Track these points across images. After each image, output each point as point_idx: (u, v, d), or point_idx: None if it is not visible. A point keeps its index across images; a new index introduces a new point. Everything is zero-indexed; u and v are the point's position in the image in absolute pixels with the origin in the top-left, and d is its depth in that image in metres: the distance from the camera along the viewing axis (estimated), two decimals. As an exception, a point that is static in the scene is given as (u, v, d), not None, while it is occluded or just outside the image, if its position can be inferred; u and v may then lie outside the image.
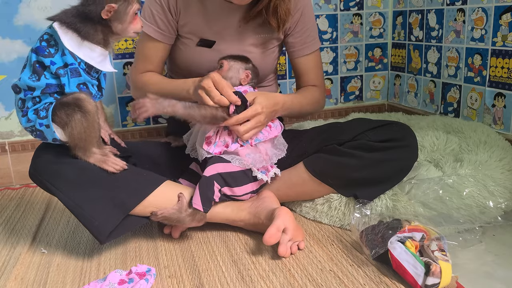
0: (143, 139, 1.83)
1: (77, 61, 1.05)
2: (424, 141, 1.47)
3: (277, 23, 1.28)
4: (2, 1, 1.59)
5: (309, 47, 1.42)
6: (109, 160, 1.10)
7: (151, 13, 1.32)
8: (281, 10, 1.26)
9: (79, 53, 1.04)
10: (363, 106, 2.11)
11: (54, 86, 1.06)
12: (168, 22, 1.32)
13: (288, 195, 1.32)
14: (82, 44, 1.04)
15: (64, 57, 1.04)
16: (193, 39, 1.33)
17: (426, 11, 1.82)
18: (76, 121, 1.03)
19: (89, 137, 1.06)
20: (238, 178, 1.19)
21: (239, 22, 1.32)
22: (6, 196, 1.61)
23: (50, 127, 1.05)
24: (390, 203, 1.20)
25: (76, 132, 1.04)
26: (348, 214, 1.23)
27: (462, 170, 1.26)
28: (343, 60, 2.03)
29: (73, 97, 1.04)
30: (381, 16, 2.03)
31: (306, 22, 1.39)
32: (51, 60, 1.04)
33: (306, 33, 1.40)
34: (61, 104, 1.05)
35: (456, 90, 1.72)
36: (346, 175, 1.21)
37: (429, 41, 1.83)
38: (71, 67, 1.04)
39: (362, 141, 1.19)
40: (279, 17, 1.27)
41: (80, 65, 1.05)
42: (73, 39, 1.04)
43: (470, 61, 1.64)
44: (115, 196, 1.09)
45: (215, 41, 1.32)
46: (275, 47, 1.40)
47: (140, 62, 1.38)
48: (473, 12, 1.60)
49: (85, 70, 1.06)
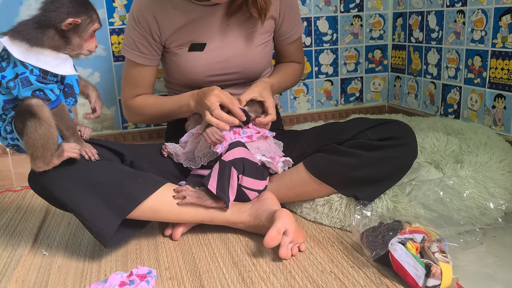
0: (143, 141, 1.83)
1: (29, 68, 0.99)
2: (425, 143, 1.47)
3: (258, 13, 1.29)
4: (3, 3, 1.60)
5: (297, 32, 1.45)
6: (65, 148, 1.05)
7: (132, 39, 1.33)
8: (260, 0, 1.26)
9: (29, 60, 0.98)
10: (363, 107, 2.11)
11: (12, 101, 1.03)
12: (151, 46, 1.33)
13: (289, 196, 1.32)
14: (31, 50, 0.98)
15: (15, 68, 1.00)
16: (183, 48, 1.33)
17: (426, 13, 1.83)
18: (30, 128, 0.99)
19: (46, 143, 1.01)
20: (255, 171, 1.21)
21: (225, 21, 1.32)
22: (7, 198, 1.61)
23: (20, 141, 1.03)
24: (390, 205, 1.20)
25: (30, 140, 1.00)
26: (349, 215, 1.23)
27: (463, 172, 1.26)
28: (343, 62, 2.04)
29: (25, 104, 1.00)
30: (381, 18, 2.04)
31: (290, 9, 1.40)
32: (1, 75, 1.00)
33: (292, 20, 1.42)
34: (16, 113, 1.02)
35: (456, 92, 1.72)
36: (346, 174, 1.21)
37: (429, 42, 1.84)
38: (21, 76, 0.99)
39: (361, 140, 1.20)
40: (259, 7, 1.27)
41: (33, 72, 0.99)
42: (21, 46, 0.98)
43: (470, 62, 1.64)
44: (112, 201, 1.08)
45: (205, 43, 1.33)
46: (268, 41, 1.41)
47: (128, 89, 1.39)
48: (473, 14, 1.60)
49: (40, 76, 1.00)
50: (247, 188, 1.21)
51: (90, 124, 1.77)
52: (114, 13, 1.71)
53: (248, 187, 1.21)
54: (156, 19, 1.30)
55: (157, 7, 1.30)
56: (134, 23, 1.32)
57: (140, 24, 1.31)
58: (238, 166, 1.17)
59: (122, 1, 1.71)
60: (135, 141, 1.82)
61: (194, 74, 1.33)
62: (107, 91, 1.77)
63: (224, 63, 1.33)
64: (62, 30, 1.01)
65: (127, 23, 1.35)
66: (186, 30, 1.32)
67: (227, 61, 1.34)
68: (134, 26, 1.32)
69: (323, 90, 2.04)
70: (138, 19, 1.31)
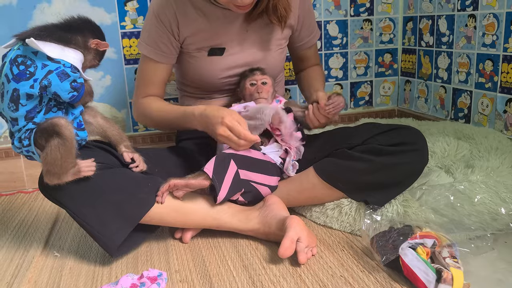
0: (154, 144, 1.84)
1: (61, 63, 1.02)
2: (435, 147, 1.47)
3: (278, 21, 1.30)
4: (17, 7, 1.62)
5: (314, 37, 1.48)
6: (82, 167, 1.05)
7: (151, 36, 1.32)
8: (280, 7, 1.27)
9: (64, 58, 1.03)
10: (373, 111, 2.10)
11: (34, 110, 1.03)
12: (170, 43, 1.32)
13: (298, 200, 1.32)
14: (64, 49, 1.04)
15: (46, 68, 1.01)
16: (202, 51, 1.34)
17: (437, 17, 1.82)
18: (53, 147, 1.00)
19: (65, 163, 1.02)
20: (258, 165, 1.22)
21: (244, 26, 1.33)
22: (19, 200, 1.63)
23: (36, 154, 1.05)
24: (401, 209, 1.20)
25: (50, 158, 1.01)
26: (359, 219, 1.23)
27: (474, 177, 1.26)
28: (353, 66, 2.04)
29: (51, 122, 1.02)
30: (391, 22, 2.03)
31: (308, 15, 1.42)
32: (33, 79, 1.00)
33: (311, 26, 1.45)
34: (40, 130, 1.03)
35: (467, 96, 1.72)
36: (356, 179, 1.21)
37: (439, 46, 1.83)
38: (57, 71, 1.01)
39: (372, 145, 1.19)
40: (279, 14, 1.28)
41: (65, 66, 1.03)
42: (54, 47, 1.02)
43: (481, 67, 1.63)
44: (122, 208, 1.09)
45: (225, 48, 1.33)
46: (284, 47, 1.43)
47: (141, 86, 1.38)
48: (484, 18, 1.59)
49: (72, 67, 1.04)
50: (257, 183, 1.21)
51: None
52: (126, 17, 1.73)
53: (258, 182, 1.22)
54: (177, 17, 1.29)
55: (179, 5, 1.29)
56: (155, 19, 1.30)
57: (161, 20, 1.29)
58: (238, 161, 1.17)
59: (134, 5, 1.73)
60: (146, 144, 1.83)
61: (212, 77, 1.34)
62: (118, 94, 1.79)
63: (242, 67, 1.35)
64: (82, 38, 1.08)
65: (147, 19, 1.34)
66: (206, 33, 1.32)
67: (245, 66, 1.35)
68: (154, 22, 1.30)
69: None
70: (159, 16, 1.29)
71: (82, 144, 1.12)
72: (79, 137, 1.09)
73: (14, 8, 1.62)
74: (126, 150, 1.17)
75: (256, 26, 1.34)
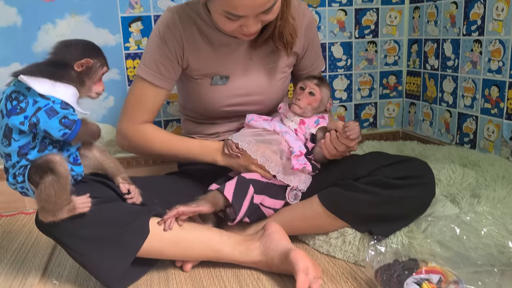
0: (156, 165, 1.82)
1: (51, 100, 1.00)
2: (440, 175, 1.45)
3: (284, 47, 1.28)
4: (21, 28, 1.62)
5: (318, 67, 1.45)
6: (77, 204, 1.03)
7: (153, 58, 1.26)
8: (286, 33, 1.25)
9: (53, 93, 1.00)
10: (377, 133, 2.09)
11: (27, 145, 1.02)
12: (172, 67, 1.27)
13: (301, 228, 1.30)
14: (55, 85, 1.01)
15: (36, 104, 0.99)
16: (206, 79, 1.31)
17: (442, 41, 1.81)
18: (47, 183, 0.98)
19: (59, 200, 1.00)
20: (270, 189, 1.25)
21: (248, 53, 1.31)
22: (19, 222, 1.61)
23: (30, 191, 1.03)
24: (406, 240, 1.18)
25: (44, 195, 0.99)
26: (363, 249, 1.21)
27: (480, 207, 1.24)
28: (357, 87, 2.03)
29: (45, 159, 1.00)
30: (396, 44, 2.03)
31: (312, 43, 1.40)
32: (24, 115, 0.99)
33: (316, 54, 1.42)
34: (35, 166, 1.01)
35: (473, 121, 1.70)
36: (361, 211, 1.19)
37: (445, 70, 1.82)
38: (45, 108, 0.99)
39: (378, 177, 1.18)
40: (285, 40, 1.26)
41: (55, 102, 1.00)
42: (43, 82, 1.00)
43: (487, 92, 1.62)
44: (120, 239, 1.07)
45: (229, 77, 1.31)
46: (288, 75, 1.41)
47: (135, 111, 1.30)
48: (490, 44, 1.58)
49: (62, 103, 1.01)
50: (266, 207, 1.25)
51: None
52: (130, 38, 1.72)
53: (266, 206, 1.25)
54: (183, 42, 1.26)
55: (186, 30, 1.26)
56: (160, 41, 1.25)
57: (166, 42, 1.25)
58: (256, 186, 1.20)
59: (138, 26, 1.72)
60: (147, 166, 1.81)
61: (214, 105, 1.32)
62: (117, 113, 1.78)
63: (245, 96, 1.33)
64: (76, 71, 1.04)
65: (150, 40, 1.29)
66: (210, 61, 1.29)
67: (248, 95, 1.33)
68: (158, 44, 1.25)
69: (336, 116, 2.03)
70: (164, 38, 1.25)
71: (78, 179, 1.09)
72: (75, 172, 1.07)
73: (18, 29, 1.62)
74: (123, 182, 1.15)
75: (260, 53, 1.32)
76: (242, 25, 1.12)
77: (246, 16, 1.09)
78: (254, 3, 1.06)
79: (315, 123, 1.31)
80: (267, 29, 1.24)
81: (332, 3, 1.90)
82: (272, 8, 1.11)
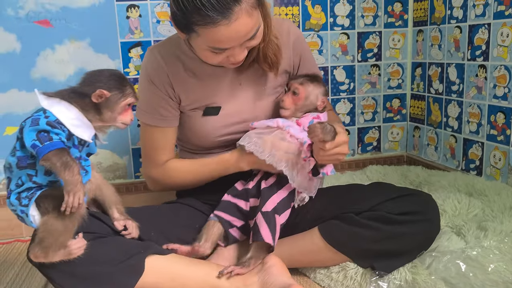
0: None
1: (46, 114, 0.98)
2: (445, 205, 1.40)
3: (269, 67, 1.25)
4: (20, 54, 1.61)
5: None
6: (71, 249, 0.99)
7: (150, 103, 1.26)
8: (271, 54, 1.22)
9: (51, 109, 0.98)
10: (381, 157, 2.05)
11: (24, 159, 0.99)
12: (170, 106, 1.27)
13: (302, 262, 1.27)
14: (59, 102, 0.99)
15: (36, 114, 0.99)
16: (197, 111, 1.29)
17: (446, 65, 1.78)
18: (58, 216, 0.95)
19: (61, 238, 0.97)
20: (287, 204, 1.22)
21: (237, 79, 1.29)
22: (15, 250, 1.58)
23: (28, 217, 0.99)
24: (409, 276, 1.14)
25: (50, 227, 0.96)
26: (365, 285, 1.17)
27: (487, 241, 1.19)
28: (360, 111, 2.00)
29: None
30: (400, 67, 2.00)
31: (304, 58, 1.35)
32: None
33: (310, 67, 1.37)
34: (52, 195, 0.98)
35: (479, 147, 1.66)
36: (363, 246, 1.16)
37: (449, 95, 1.79)
38: (33, 117, 0.97)
39: (380, 213, 1.14)
40: (270, 61, 1.24)
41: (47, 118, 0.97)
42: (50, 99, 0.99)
43: (493, 118, 1.58)
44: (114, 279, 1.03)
45: (220, 107, 1.29)
46: (281, 94, 1.37)
47: (153, 155, 1.31)
48: (495, 69, 1.55)
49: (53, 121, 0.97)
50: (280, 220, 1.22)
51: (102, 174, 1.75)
52: (130, 63, 1.71)
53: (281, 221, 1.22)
54: (170, 79, 1.25)
55: (170, 67, 1.25)
56: (150, 84, 1.25)
57: (155, 85, 1.25)
58: (280, 211, 1.19)
59: (138, 51, 1.71)
60: (148, 191, 1.78)
61: (208, 136, 1.29)
62: (120, 140, 1.76)
63: (239, 124, 1.30)
64: (94, 104, 1.02)
65: (141, 84, 1.29)
66: (200, 93, 1.27)
67: (242, 122, 1.30)
68: (150, 88, 1.25)
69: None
70: (153, 80, 1.25)
71: None
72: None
73: (17, 55, 1.61)
74: (118, 218, 1.12)
75: (249, 78, 1.29)
76: (228, 56, 1.11)
77: (232, 47, 1.08)
78: (239, 34, 1.04)
79: (310, 122, 1.22)
80: (251, 53, 1.20)
81: (334, 26, 1.89)
82: (256, 34, 1.09)
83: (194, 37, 1.07)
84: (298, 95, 1.26)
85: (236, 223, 1.25)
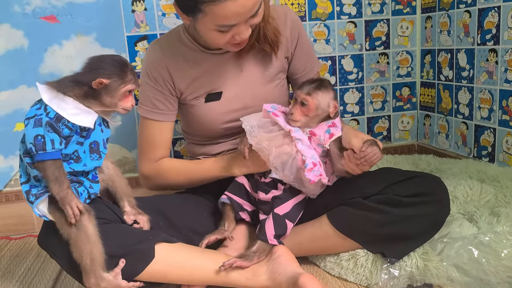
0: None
1: (47, 111, 1.00)
2: (456, 191, 1.38)
3: (271, 47, 1.26)
4: (28, 50, 1.62)
5: (313, 69, 1.38)
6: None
7: (147, 96, 1.28)
8: (270, 33, 1.24)
9: (51, 104, 1.00)
10: (391, 147, 2.03)
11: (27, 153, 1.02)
12: (167, 100, 1.29)
13: (311, 250, 1.26)
14: (56, 96, 1.00)
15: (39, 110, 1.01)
16: (200, 99, 1.30)
17: (456, 51, 1.76)
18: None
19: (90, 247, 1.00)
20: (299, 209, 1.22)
21: (238, 65, 1.29)
22: (27, 245, 1.60)
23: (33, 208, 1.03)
24: (420, 263, 1.12)
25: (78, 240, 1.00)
26: (375, 272, 1.16)
27: (500, 227, 1.17)
28: (369, 101, 1.98)
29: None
30: (409, 55, 1.98)
31: (301, 42, 1.34)
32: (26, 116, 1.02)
33: (306, 55, 1.36)
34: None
35: (490, 134, 1.63)
36: (372, 230, 1.15)
37: (459, 81, 1.76)
38: (36, 117, 0.99)
39: (388, 195, 1.13)
40: (270, 40, 1.25)
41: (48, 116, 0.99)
42: (49, 92, 1.00)
43: (505, 103, 1.55)
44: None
45: (221, 92, 1.29)
46: (284, 80, 1.37)
47: (148, 151, 1.32)
48: (506, 53, 1.52)
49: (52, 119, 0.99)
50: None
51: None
52: (136, 57, 1.71)
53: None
54: (170, 73, 1.27)
55: (169, 60, 1.27)
56: (148, 78, 1.28)
57: (154, 79, 1.27)
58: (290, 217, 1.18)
59: (144, 45, 1.71)
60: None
61: (212, 123, 1.30)
62: (128, 134, 1.77)
63: (242, 110, 1.29)
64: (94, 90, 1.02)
65: (142, 78, 1.31)
66: (201, 81, 1.29)
67: (245, 108, 1.30)
68: (148, 82, 1.28)
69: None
70: (151, 74, 1.27)
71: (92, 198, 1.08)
72: (93, 190, 1.07)
73: (25, 52, 1.62)
74: (128, 212, 1.13)
75: (250, 63, 1.30)
76: (234, 35, 1.12)
77: (237, 24, 1.09)
78: (245, 8, 1.06)
79: (326, 132, 1.18)
80: (252, 34, 1.21)
81: (341, 15, 1.87)
82: (259, 10, 1.11)
83: (200, 18, 1.08)
84: (307, 106, 1.17)
85: (246, 207, 1.26)
